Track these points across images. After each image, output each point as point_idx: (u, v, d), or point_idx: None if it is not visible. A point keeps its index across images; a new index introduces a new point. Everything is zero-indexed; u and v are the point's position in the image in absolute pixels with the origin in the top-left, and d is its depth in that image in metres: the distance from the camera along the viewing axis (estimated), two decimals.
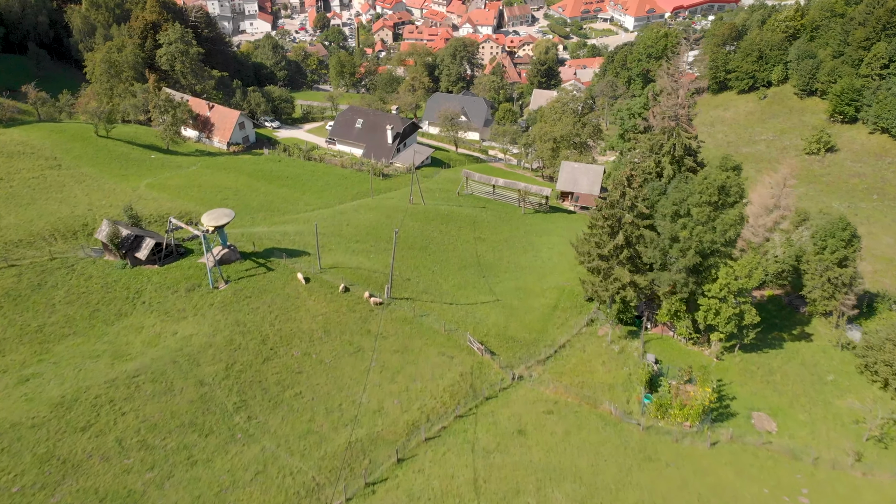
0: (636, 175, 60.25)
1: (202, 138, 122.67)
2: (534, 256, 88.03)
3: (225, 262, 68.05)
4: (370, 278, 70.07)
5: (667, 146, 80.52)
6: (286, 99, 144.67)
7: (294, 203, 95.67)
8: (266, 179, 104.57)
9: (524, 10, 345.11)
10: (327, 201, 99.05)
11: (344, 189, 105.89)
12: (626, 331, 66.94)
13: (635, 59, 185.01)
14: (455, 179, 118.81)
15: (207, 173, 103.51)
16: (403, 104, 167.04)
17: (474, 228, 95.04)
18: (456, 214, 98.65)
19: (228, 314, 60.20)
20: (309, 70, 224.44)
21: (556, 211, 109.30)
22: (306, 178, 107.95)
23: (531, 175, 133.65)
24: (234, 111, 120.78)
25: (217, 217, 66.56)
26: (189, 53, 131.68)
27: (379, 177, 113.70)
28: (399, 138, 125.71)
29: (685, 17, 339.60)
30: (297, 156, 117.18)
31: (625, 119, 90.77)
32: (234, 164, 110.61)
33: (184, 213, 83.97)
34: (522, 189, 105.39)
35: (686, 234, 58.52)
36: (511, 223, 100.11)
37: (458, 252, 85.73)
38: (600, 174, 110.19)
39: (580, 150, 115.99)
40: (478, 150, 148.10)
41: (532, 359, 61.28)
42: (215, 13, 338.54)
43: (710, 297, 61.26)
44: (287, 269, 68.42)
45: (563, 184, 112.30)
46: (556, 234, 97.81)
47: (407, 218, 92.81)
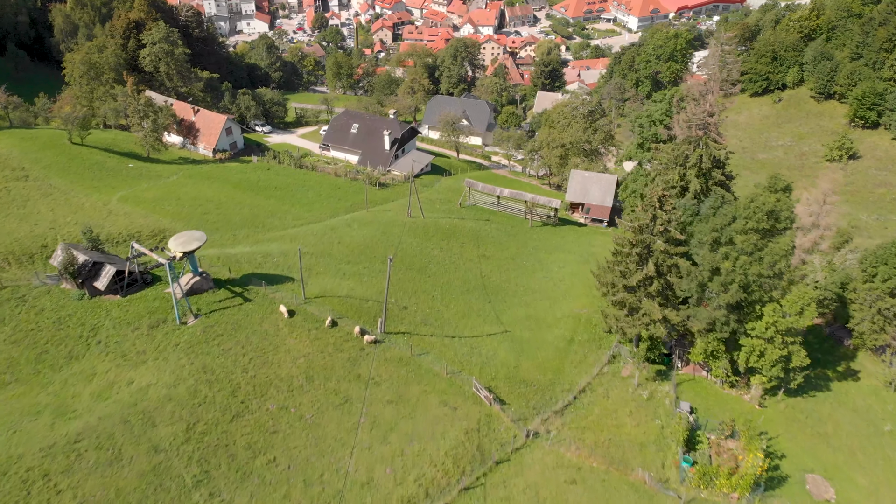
0: (668, 196, 51.21)
1: (187, 144, 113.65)
2: (544, 277, 79.10)
3: (196, 293, 59.01)
4: (362, 309, 61.06)
5: (693, 158, 71.57)
6: (278, 102, 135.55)
7: (281, 217, 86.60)
8: (252, 190, 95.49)
9: (526, 11, 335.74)
10: (318, 215, 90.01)
11: (337, 200, 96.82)
12: (653, 370, 57.97)
13: (644, 61, 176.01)
14: (457, 189, 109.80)
15: (189, 184, 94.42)
16: (402, 107, 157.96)
17: (478, 245, 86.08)
18: (458, 229, 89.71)
19: (195, 358, 51.15)
20: (305, 71, 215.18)
21: (566, 223, 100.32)
22: (296, 188, 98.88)
23: (537, 183, 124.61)
24: (220, 116, 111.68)
25: (186, 241, 57.51)
26: (174, 54, 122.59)
27: (375, 186, 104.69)
28: (397, 144, 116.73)
29: (689, 18, 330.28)
30: (287, 163, 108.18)
31: (644, 127, 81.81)
32: (218, 172, 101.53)
33: (157, 232, 74.99)
34: (530, 200, 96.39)
35: (729, 265, 49.52)
36: (518, 238, 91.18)
37: (461, 273, 76.80)
38: (613, 184, 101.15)
39: (590, 157, 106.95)
40: (480, 156, 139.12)
41: (548, 408, 52.31)
42: (212, 13, 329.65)
43: (755, 337, 52.32)
44: (267, 300, 59.38)
45: (573, 194, 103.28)
46: (566, 250, 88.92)
47: (405, 234, 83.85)
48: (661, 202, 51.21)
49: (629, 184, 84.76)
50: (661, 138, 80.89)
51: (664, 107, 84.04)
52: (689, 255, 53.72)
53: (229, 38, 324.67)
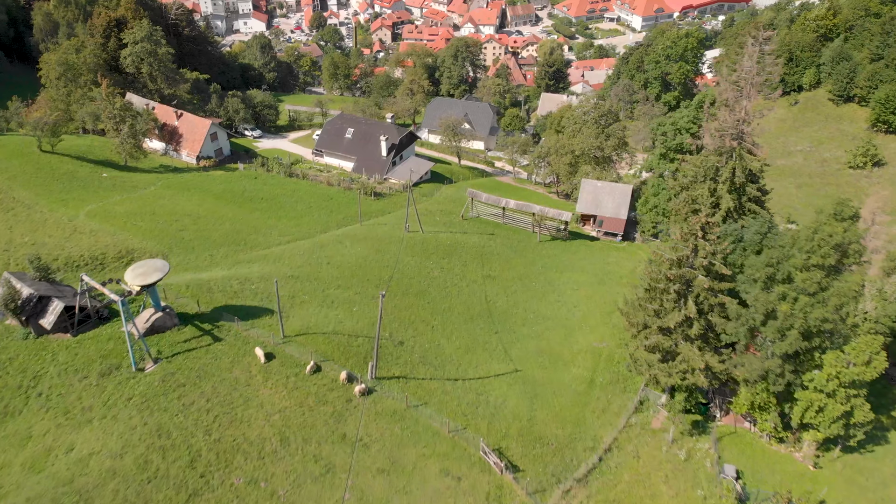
0: (712, 223, 42.59)
1: (169, 151, 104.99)
2: (556, 300, 70.56)
3: (157, 331, 50.41)
4: (350, 348, 52.47)
5: (725, 171, 62.93)
6: (269, 104, 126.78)
7: (266, 233, 77.95)
8: (236, 202, 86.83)
9: (528, 10, 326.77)
10: (307, 230, 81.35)
11: (329, 213, 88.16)
12: (689, 421, 49.40)
13: (653, 61, 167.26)
14: (458, 199, 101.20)
15: (167, 195, 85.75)
16: (400, 110, 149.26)
17: (482, 263, 77.55)
18: (460, 245, 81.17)
19: (150, 415, 42.57)
20: (301, 72, 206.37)
21: (577, 237, 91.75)
22: (285, 199, 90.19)
23: (543, 191, 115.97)
24: (204, 120, 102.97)
25: (145, 273, 48.88)
26: (157, 54, 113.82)
27: (370, 197, 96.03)
28: (395, 150, 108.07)
29: (694, 17, 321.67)
30: (276, 171, 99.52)
31: (668, 136, 72.92)
32: (201, 182, 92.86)
33: (124, 253, 66.31)
34: (538, 213, 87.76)
35: (787, 308, 40.90)
36: (525, 254, 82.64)
37: (464, 296, 68.27)
38: (628, 195, 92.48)
39: (602, 165, 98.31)
40: (483, 162, 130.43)
41: (570, 474, 43.72)
42: (208, 12, 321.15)
43: (814, 391, 43.74)
44: (240, 340, 50.79)
45: (584, 205, 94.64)
46: (579, 268, 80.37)
47: (402, 252, 75.28)
48: (703, 230, 42.59)
49: (649, 197, 76.11)
50: (688, 148, 72.36)
51: (691, 113, 75.11)
52: (736, 291, 45.21)
53: (226, 37, 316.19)
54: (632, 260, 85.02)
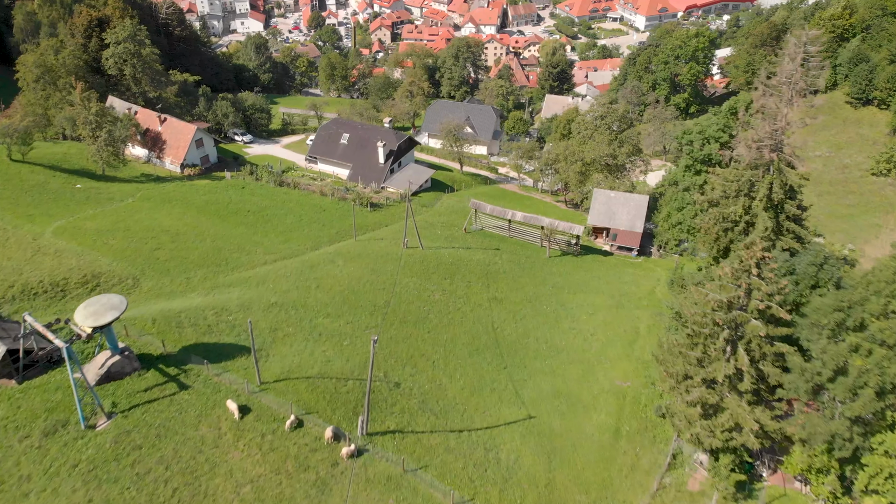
0: (769, 257, 35.27)
1: (152, 158, 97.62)
2: (570, 328, 63.23)
3: (115, 378, 43.12)
4: (338, 395, 45.16)
5: (762, 187, 55.59)
6: (261, 108, 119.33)
7: (250, 251, 70.59)
8: (220, 215, 79.46)
9: (529, 9, 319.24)
10: (296, 247, 74.01)
11: (320, 227, 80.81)
12: (732, 482, 42.06)
13: (661, 62, 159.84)
14: (460, 209, 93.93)
15: (145, 209, 78.41)
16: (399, 112, 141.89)
17: (488, 283, 70.28)
18: (463, 262, 73.88)
19: (97, 489, 35.28)
20: (298, 73, 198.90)
21: (589, 251, 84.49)
22: (273, 211, 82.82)
23: (550, 200, 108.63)
24: (189, 125, 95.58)
25: (98, 311, 41.55)
26: (141, 55, 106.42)
27: (366, 208, 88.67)
28: (393, 157, 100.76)
29: (698, 17, 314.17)
30: (265, 180, 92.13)
31: (694, 146, 65.33)
32: (183, 193, 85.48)
33: (89, 278, 58.97)
34: (547, 226, 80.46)
35: (861, 363, 33.59)
36: (534, 273, 75.33)
37: (469, 324, 61.00)
38: (644, 206, 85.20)
39: (615, 173, 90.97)
40: (486, 168, 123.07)
41: None
42: (204, 11, 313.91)
43: (884, 455, 36.43)
44: (210, 387, 43.49)
45: (597, 217, 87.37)
46: (593, 288, 73.08)
47: (400, 271, 67.98)
48: (759, 265, 35.26)
49: (671, 212, 68.70)
50: (717, 160, 65.06)
51: (721, 121, 67.49)
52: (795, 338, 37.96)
53: (223, 37, 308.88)
54: (649, 278, 77.74)
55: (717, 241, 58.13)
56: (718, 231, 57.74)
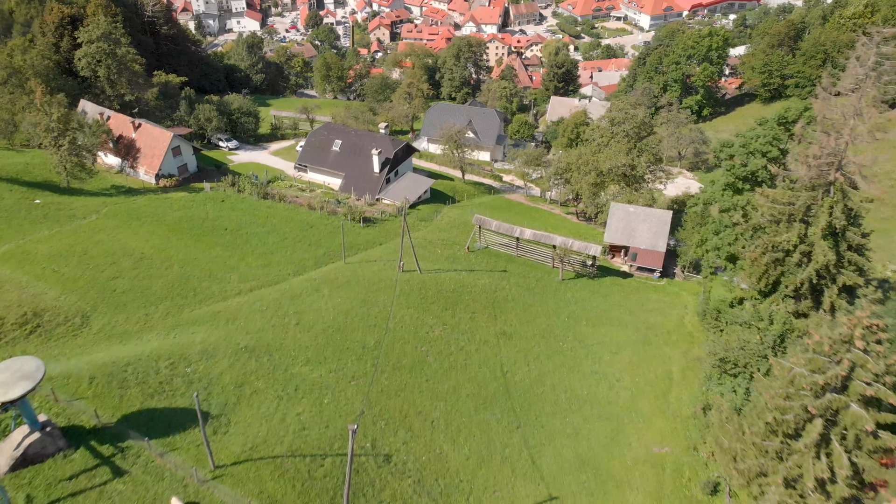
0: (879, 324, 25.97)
1: (125, 168, 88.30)
2: (592, 371, 54.08)
3: (33, 461, 33.85)
4: (312, 481, 35.92)
5: (822, 212, 46.28)
6: (248, 111, 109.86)
7: (223, 279, 61.28)
8: (193, 235, 70.15)
9: (531, 8, 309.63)
10: (277, 272, 64.69)
11: (307, 246, 71.51)
12: None
13: (672, 62, 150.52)
14: (463, 223, 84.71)
15: (108, 228, 69.10)
16: (397, 115, 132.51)
17: (495, 313, 61.13)
18: (467, 288, 64.67)
19: None
20: (293, 73, 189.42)
21: (606, 273, 75.26)
22: (254, 229, 73.51)
23: (560, 212, 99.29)
24: (165, 132, 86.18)
25: (7, 381, 32.32)
26: (117, 55, 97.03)
27: (359, 223, 79.34)
28: (389, 166, 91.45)
29: (704, 16, 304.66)
30: (248, 192, 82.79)
31: (736, 160, 55.69)
32: (155, 208, 76.13)
33: (30, 317, 49.81)
34: (561, 245, 71.14)
35: None
36: (547, 299, 66.15)
37: (474, 368, 51.86)
38: (667, 222, 75.98)
39: (633, 185, 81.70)
40: (489, 176, 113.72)
41: None
42: (200, 10, 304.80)
43: None
44: (152, 473, 34.22)
45: (614, 234, 78.14)
46: (614, 319, 63.90)
47: (395, 303, 58.75)
48: (866, 338, 25.93)
49: (707, 236, 59.26)
50: (764, 178, 55.82)
51: (769, 133, 57.66)
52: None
53: (218, 36, 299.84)
54: (676, 305, 68.46)
55: (766, 275, 48.84)
56: (768, 262, 48.44)
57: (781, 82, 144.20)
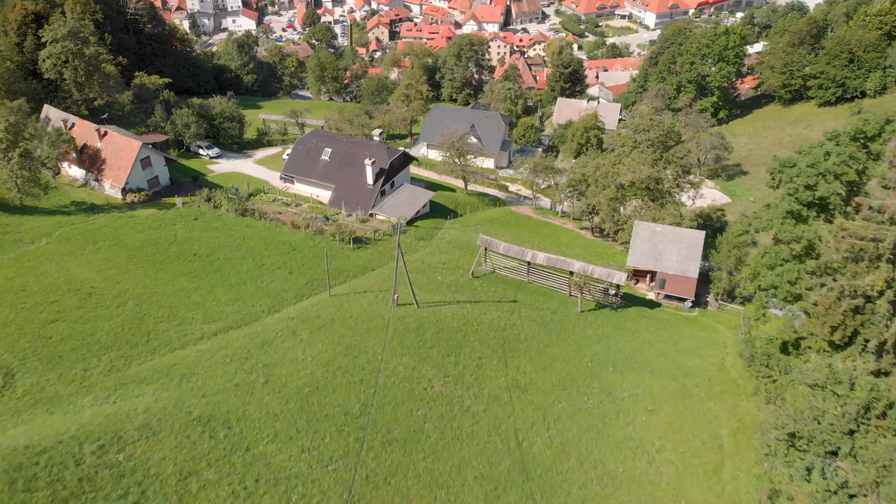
0: None
1: (90, 181, 78.40)
2: (626, 437, 44.39)
3: None
4: None
5: None
6: (232, 116, 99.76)
7: (184, 319, 51.39)
8: (157, 261, 60.23)
9: (534, 6, 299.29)
10: (249, 308, 54.79)
11: (287, 274, 61.60)
12: None
13: (686, 62, 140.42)
14: (466, 243, 74.86)
15: (58, 254, 59.23)
16: (395, 119, 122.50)
17: (506, 358, 51.39)
18: (472, 324, 54.85)
19: None
20: (287, 73, 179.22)
21: (630, 301, 65.37)
22: (228, 253, 63.59)
23: (573, 226, 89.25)
24: (132, 141, 76.18)
25: None
26: (84, 55, 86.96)
27: (348, 244, 69.38)
28: (384, 177, 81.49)
29: (711, 14, 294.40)
30: (226, 208, 72.88)
31: (799, 182, 45.29)
32: (116, 229, 66.16)
33: None
34: (579, 272, 61.23)
35: None
36: (565, 338, 56.34)
37: (482, 437, 42.16)
38: (699, 244, 66.16)
39: (658, 200, 71.80)
40: (494, 186, 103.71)
41: None
42: (195, 9, 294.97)
43: None
44: None
45: (639, 256, 68.30)
46: (646, 362, 54.10)
47: (387, 347, 48.90)
48: None
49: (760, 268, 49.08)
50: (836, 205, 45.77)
51: (845, 151, 47.01)
52: None
53: (213, 36, 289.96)
54: (713, 344, 58.61)
55: (843, 325, 38.89)
56: (846, 310, 38.47)
57: (803, 83, 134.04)
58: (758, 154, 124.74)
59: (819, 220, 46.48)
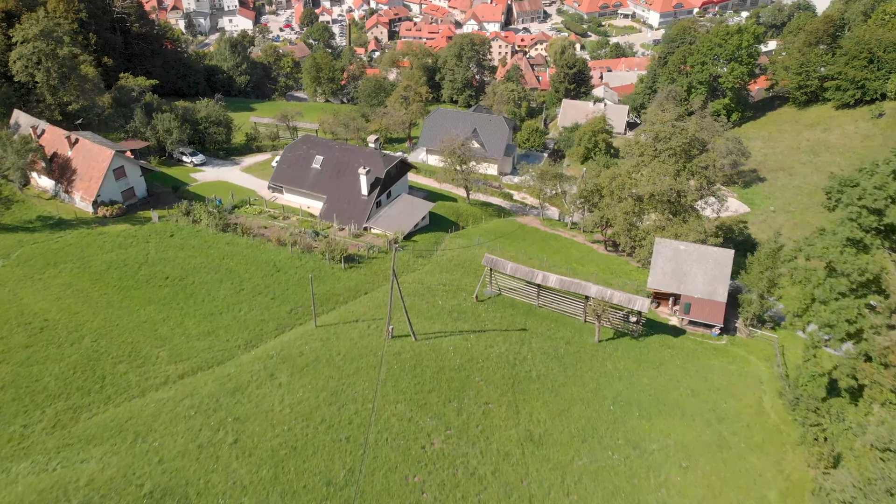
0: None
1: (60, 193, 71.55)
2: (658, 501, 37.34)
3: None
4: None
5: None
6: (218, 120, 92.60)
7: (147, 358, 44.54)
8: (123, 287, 53.37)
9: (535, 5, 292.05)
10: (223, 343, 47.94)
11: (269, 301, 54.72)
12: None
13: (697, 62, 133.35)
14: (469, 260, 68.05)
15: (12, 280, 52.38)
16: (393, 123, 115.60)
17: (517, 403, 44.83)
18: (477, 362, 48.10)
19: None
20: (282, 74, 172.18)
21: (651, 327, 58.49)
22: (204, 276, 56.70)
23: (583, 239, 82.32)
24: (104, 150, 69.30)
25: None
26: (58, 56, 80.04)
27: (339, 263, 62.45)
28: (380, 187, 74.60)
29: (715, 13, 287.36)
30: (206, 223, 65.98)
31: (865, 203, 38.33)
32: (82, 248, 59.31)
33: None
34: (597, 298, 54.36)
35: None
36: (582, 375, 49.52)
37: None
38: (728, 264, 59.31)
39: (681, 214, 64.89)
40: (497, 194, 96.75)
41: None
42: (191, 9, 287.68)
43: None
44: None
45: (661, 277, 61.41)
46: (675, 403, 47.28)
47: (379, 394, 42.07)
48: None
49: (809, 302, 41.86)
50: None
51: None
52: None
53: (209, 35, 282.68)
54: (748, 379, 51.77)
55: None
56: None
57: (819, 84, 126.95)
58: (773, 159, 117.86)
59: (884, 250, 39.65)
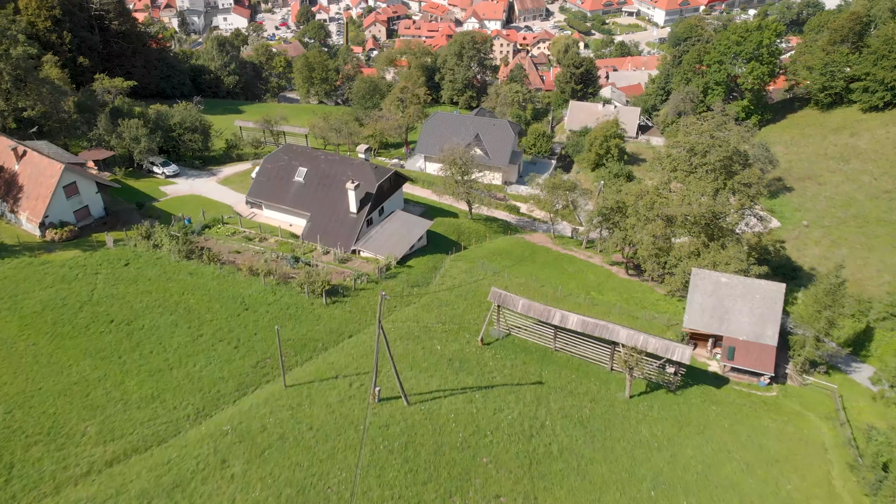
0: None
1: (5, 212, 61.81)
2: None
3: None
4: None
5: None
6: (194, 126, 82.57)
7: (72, 434, 34.85)
8: (58, 334, 43.64)
9: (537, 3, 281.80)
10: (169, 411, 38.22)
11: (231, 351, 44.95)
12: None
13: (714, 61, 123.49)
14: (472, 291, 58.36)
15: None
16: (388, 127, 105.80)
17: (535, 492, 36.10)
18: (483, 433, 38.64)
19: None
20: (274, 74, 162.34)
21: (690, 378, 48.69)
22: (158, 317, 46.95)
23: (599, 260, 72.54)
24: (54, 164, 59.55)
25: None
26: (10, 57, 70.19)
27: (320, 298, 52.57)
28: (370, 203, 64.84)
29: (722, 11, 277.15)
30: (167, 248, 56.23)
31: None
32: (17, 283, 49.58)
33: None
34: (627, 344, 44.64)
35: None
36: (612, 445, 39.90)
37: None
38: (779, 301, 49.56)
39: (720, 239, 55.07)
40: (503, 207, 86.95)
41: None
42: (184, 7, 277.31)
43: None
44: None
45: (699, 316, 51.71)
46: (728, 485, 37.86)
47: (360, 488, 32.38)
48: None
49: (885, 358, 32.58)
50: None
51: None
52: None
53: (203, 34, 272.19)
54: (808, 447, 42.09)
55: None
56: None
57: (845, 85, 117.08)
58: (799, 166, 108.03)
59: None
